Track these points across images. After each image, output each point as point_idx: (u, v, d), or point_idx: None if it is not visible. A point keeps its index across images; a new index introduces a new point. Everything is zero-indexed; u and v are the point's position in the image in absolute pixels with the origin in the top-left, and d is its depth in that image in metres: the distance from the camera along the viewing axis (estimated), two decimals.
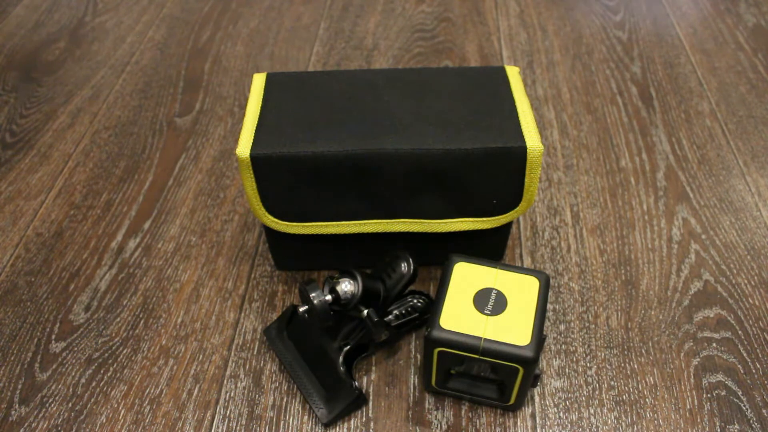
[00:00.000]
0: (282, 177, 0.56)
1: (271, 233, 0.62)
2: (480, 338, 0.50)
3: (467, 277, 0.54)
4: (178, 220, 0.73)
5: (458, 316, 0.51)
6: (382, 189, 0.57)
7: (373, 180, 0.56)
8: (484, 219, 0.59)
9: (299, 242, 0.63)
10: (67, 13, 1.11)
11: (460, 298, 0.52)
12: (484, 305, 0.52)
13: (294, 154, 0.55)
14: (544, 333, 0.58)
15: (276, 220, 0.59)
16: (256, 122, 0.58)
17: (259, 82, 0.62)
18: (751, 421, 0.55)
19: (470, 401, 0.56)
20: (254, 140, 0.56)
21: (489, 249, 0.65)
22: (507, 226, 0.63)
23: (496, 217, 0.59)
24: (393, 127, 0.56)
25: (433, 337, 0.50)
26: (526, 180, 0.57)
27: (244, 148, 0.55)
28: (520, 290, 0.53)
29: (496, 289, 0.53)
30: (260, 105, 0.59)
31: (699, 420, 0.56)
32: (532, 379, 0.52)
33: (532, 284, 0.53)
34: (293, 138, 0.56)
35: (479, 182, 0.57)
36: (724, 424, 0.55)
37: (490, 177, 0.56)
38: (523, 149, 0.55)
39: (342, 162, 0.55)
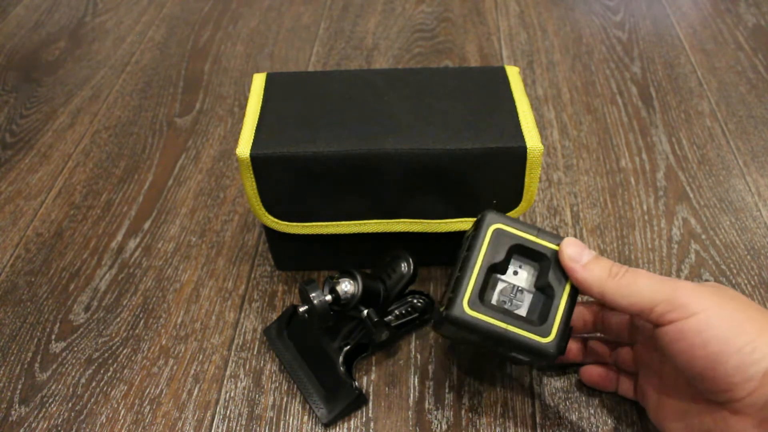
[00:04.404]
0: (282, 177, 0.56)
1: (271, 233, 0.62)
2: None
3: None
4: (178, 220, 0.73)
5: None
6: (382, 189, 0.57)
7: (373, 180, 0.56)
8: None
9: (299, 242, 0.63)
10: (67, 13, 1.11)
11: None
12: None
13: (294, 154, 0.55)
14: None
15: (276, 220, 0.59)
16: (256, 122, 0.58)
17: (259, 82, 0.62)
18: None
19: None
20: (254, 140, 0.56)
21: None
22: None
23: None
24: (393, 127, 0.56)
25: (453, 317, 0.45)
26: (526, 180, 0.57)
27: (244, 148, 0.55)
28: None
29: None
30: (260, 105, 0.59)
31: None
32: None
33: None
34: (293, 138, 0.56)
35: (479, 182, 0.57)
36: None
37: (490, 177, 0.56)
38: (523, 149, 0.55)
39: (342, 162, 0.55)
